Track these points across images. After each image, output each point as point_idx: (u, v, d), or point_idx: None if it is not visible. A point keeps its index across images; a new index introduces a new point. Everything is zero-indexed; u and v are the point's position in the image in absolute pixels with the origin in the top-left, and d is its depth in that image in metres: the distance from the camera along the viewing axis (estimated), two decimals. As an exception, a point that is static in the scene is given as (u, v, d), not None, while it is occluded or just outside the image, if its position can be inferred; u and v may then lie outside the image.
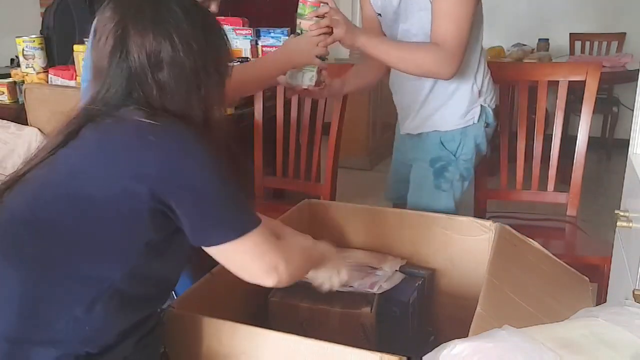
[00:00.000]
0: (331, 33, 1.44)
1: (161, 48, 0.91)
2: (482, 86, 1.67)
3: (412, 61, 1.52)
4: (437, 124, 1.68)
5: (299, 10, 1.46)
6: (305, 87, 1.52)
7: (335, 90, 1.74)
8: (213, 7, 1.45)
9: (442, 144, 1.68)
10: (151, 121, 0.89)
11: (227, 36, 1.02)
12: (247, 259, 0.94)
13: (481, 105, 1.67)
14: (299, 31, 1.47)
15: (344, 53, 4.32)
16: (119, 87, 0.93)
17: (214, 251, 0.93)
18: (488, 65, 1.74)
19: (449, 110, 1.66)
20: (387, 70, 1.76)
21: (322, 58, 1.48)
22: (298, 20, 1.46)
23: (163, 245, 0.92)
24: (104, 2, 0.97)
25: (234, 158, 1.01)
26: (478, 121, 1.67)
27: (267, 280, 0.96)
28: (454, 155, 1.67)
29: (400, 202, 1.82)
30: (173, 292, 1.32)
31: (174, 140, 0.89)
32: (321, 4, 1.43)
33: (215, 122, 0.99)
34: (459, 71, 1.51)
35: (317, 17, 1.43)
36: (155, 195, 0.86)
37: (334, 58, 4.08)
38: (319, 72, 1.51)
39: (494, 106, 1.72)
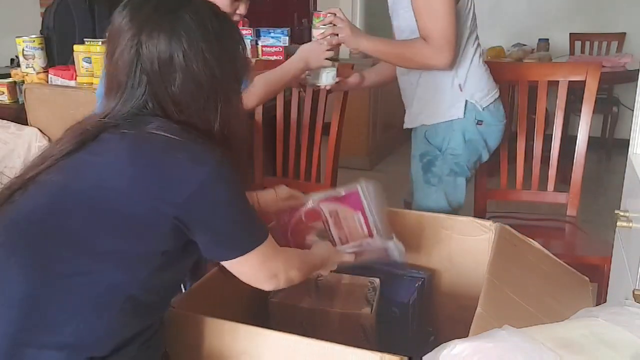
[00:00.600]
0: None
1: (174, 59, 0.92)
2: (465, 81, 1.68)
3: (406, 57, 1.64)
4: (423, 118, 1.74)
5: (313, 22, 1.67)
6: (325, 86, 1.74)
7: (354, 85, 1.88)
8: (242, 9, 1.58)
9: (426, 139, 1.73)
10: (177, 137, 0.90)
11: (244, 44, 1.02)
12: (255, 268, 0.99)
13: (466, 101, 1.67)
14: (314, 39, 1.67)
15: (344, 53, 4.31)
16: (136, 101, 0.93)
17: (225, 263, 0.98)
18: (487, 65, 1.75)
19: (432, 104, 1.71)
20: None
21: (335, 59, 1.68)
22: (312, 30, 1.67)
23: (177, 255, 0.93)
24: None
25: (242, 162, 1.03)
26: (464, 116, 1.68)
27: (267, 286, 1.03)
28: (440, 150, 1.70)
29: (411, 201, 1.84)
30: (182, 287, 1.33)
31: (201, 165, 0.89)
32: (328, 15, 1.62)
33: (234, 131, 0.99)
34: (455, 60, 1.60)
35: (323, 25, 1.62)
36: (178, 218, 0.89)
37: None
38: (337, 70, 1.71)
39: (486, 104, 1.70)
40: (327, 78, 1.71)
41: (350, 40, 1.62)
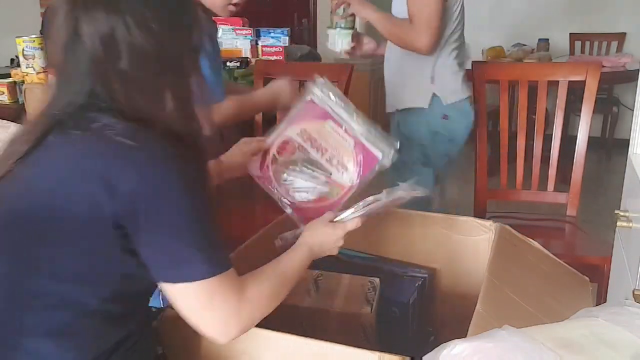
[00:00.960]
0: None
1: (115, 33, 0.81)
2: (437, 75, 1.80)
3: (396, 35, 1.79)
4: (395, 103, 1.89)
5: None
6: (340, 51, 1.88)
7: (369, 51, 2.00)
8: None
9: (398, 127, 1.87)
10: (126, 139, 0.80)
11: (196, 10, 0.92)
12: (200, 305, 0.84)
13: (434, 93, 1.80)
14: (331, 9, 1.85)
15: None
16: (81, 85, 0.84)
17: (167, 288, 0.84)
18: (463, 69, 1.84)
19: (403, 90, 1.86)
20: None
21: (349, 27, 1.85)
22: (330, 2, 1.86)
23: (142, 269, 0.84)
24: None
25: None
26: (430, 107, 1.80)
27: (214, 337, 0.87)
28: (408, 139, 1.82)
29: None
30: None
31: (151, 166, 0.80)
32: None
33: (195, 124, 0.89)
34: (434, 48, 1.73)
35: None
36: (124, 226, 0.80)
37: (333, 58, 4.09)
38: (352, 37, 1.87)
39: (451, 101, 1.81)
40: (342, 43, 1.87)
41: (358, 9, 1.79)
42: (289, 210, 1.20)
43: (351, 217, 1.10)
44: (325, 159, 1.16)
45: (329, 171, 1.15)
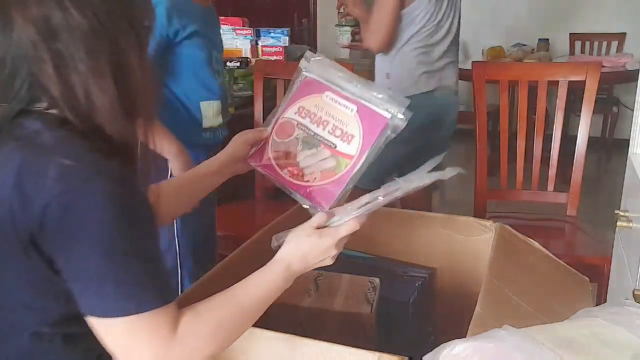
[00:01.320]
0: None
1: (49, 13, 0.71)
2: (392, 72, 1.98)
3: (363, 31, 2.01)
4: None
5: None
6: (344, 44, 2.26)
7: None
8: None
9: None
10: (53, 155, 0.71)
11: None
12: (122, 343, 0.75)
13: (388, 88, 1.90)
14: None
15: (344, 53, 4.31)
16: (12, 72, 0.73)
17: (89, 319, 0.75)
18: (426, 71, 1.94)
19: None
20: None
21: (350, 25, 2.23)
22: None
23: None
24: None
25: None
26: None
27: None
28: None
29: None
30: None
31: (73, 183, 0.70)
32: None
33: (133, 126, 0.79)
34: (383, 48, 1.93)
35: None
36: (40, 247, 0.72)
37: (334, 57, 4.09)
38: (353, 33, 2.22)
39: (405, 95, 1.91)
40: (342, 38, 2.28)
41: (350, 8, 2.04)
42: (297, 196, 1.11)
43: (345, 221, 0.96)
44: (327, 131, 1.06)
45: (333, 143, 1.05)
